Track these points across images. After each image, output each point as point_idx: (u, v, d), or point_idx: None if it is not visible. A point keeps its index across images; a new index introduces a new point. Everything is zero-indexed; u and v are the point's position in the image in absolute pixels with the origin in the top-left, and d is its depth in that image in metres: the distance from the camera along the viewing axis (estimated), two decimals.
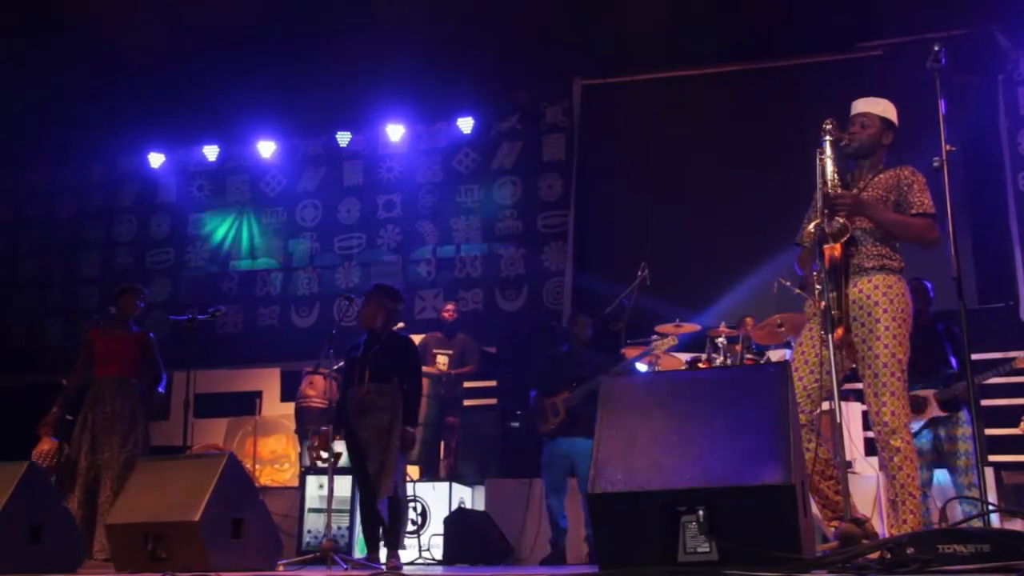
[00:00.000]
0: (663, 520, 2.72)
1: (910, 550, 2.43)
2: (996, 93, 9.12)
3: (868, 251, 4.24)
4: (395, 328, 6.10)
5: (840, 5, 9.14)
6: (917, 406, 6.18)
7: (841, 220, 4.08)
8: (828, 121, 4.26)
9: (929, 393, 6.18)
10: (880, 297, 4.17)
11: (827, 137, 4.21)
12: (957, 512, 5.87)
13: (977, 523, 3.86)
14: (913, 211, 4.25)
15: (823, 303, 3.94)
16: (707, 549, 2.68)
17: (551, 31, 9.57)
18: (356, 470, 5.85)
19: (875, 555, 2.58)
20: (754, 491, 2.68)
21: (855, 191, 4.29)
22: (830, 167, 4.18)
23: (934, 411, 6.15)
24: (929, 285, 6.48)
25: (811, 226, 4.14)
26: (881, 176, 4.36)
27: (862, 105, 4.43)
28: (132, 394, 6.59)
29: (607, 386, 3.06)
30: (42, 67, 10.12)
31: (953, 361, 6.29)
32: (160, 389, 6.75)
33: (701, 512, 2.69)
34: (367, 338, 5.98)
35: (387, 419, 5.74)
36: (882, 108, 4.41)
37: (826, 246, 4.10)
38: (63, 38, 9.80)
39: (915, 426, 6.19)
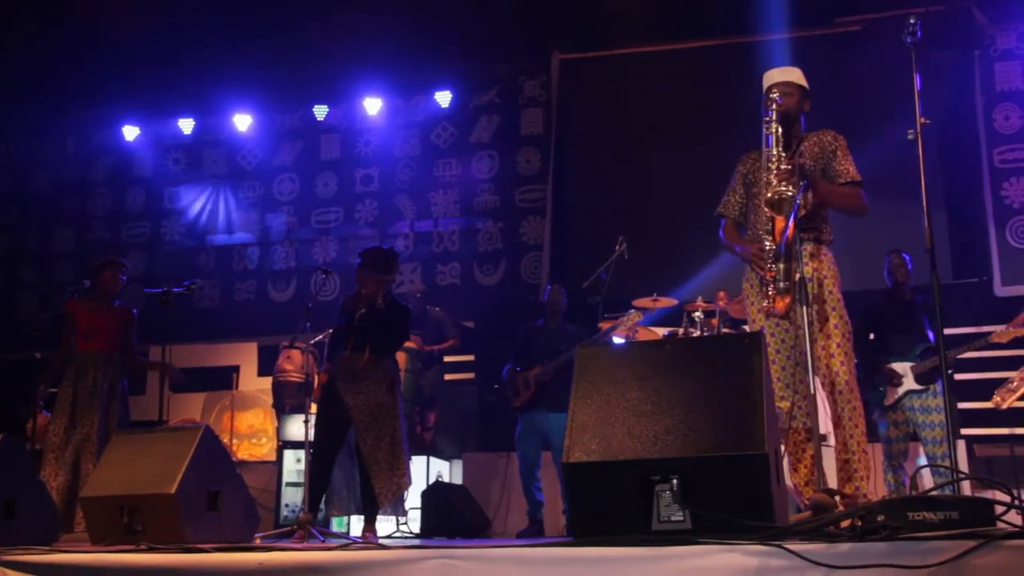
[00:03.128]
0: (637, 489, 2.73)
1: (880, 517, 2.45)
2: (973, 69, 9.15)
3: (806, 224, 4.27)
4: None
5: None
6: (894, 379, 6.24)
7: (791, 191, 4.06)
8: (774, 89, 4.30)
9: (906, 366, 6.23)
10: (818, 265, 4.27)
11: (773, 106, 4.23)
12: (927, 481, 5.95)
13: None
14: (841, 180, 4.32)
15: (797, 275, 3.95)
16: (681, 518, 2.70)
17: (530, 5, 9.51)
18: (328, 435, 5.85)
19: (846, 523, 2.61)
20: (727, 460, 2.70)
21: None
22: (776, 136, 4.21)
23: (910, 384, 6.20)
24: (908, 258, 6.52)
25: (779, 193, 4.10)
26: (806, 143, 4.40)
27: (779, 75, 4.44)
28: (115, 369, 6.60)
29: (582, 355, 3.07)
30: (15, 39, 9.98)
31: (930, 334, 6.33)
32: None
33: (675, 481, 2.70)
34: (367, 307, 5.90)
35: (382, 392, 5.75)
36: (797, 76, 4.45)
37: (779, 218, 4.10)
38: (37, 11, 9.67)
39: (892, 398, 6.25)
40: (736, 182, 4.64)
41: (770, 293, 4.12)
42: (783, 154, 4.18)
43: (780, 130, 4.21)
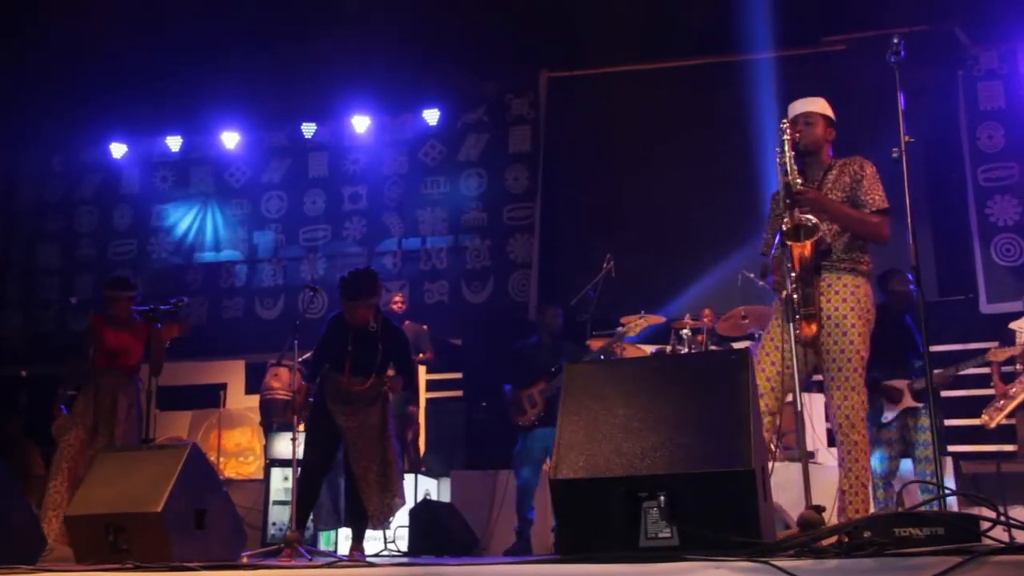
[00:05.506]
0: (625, 506, 2.74)
1: (867, 533, 2.46)
2: (956, 88, 9.25)
3: (839, 252, 4.30)
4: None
5: (804, 0, 9.23)
6: (892, 396, 6.24)
7: (813, 219, 4.14)
8: (784, 121, 4.36)
9: (903, 384, 6.24)
10: (848, 295, 4.27)
11: (785, 136, 4.29)
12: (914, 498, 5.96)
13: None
14: (868, 210, 4.34)
15: (784, 293, 3.98)
16: (668, 534, 2.71)
17: (517, 23, 9.56)
18: (317, 454, 5.83)
19: (833, 539, 2.62)
20: (714, 477, 2.71)
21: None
22: (790, 165, 4.26)
23: (908, 402, 6.20)
24: (911, 277, 6.52)
25: (796, 219, 4.17)
26: (833, 172, 4.45)
27: (800, 106, 4.52)
28: (133, 387, 6.66)
29: (570, 372, 3.08)
30: (0, 55, 9.97)
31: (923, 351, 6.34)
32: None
33: (662, 498, 2.71)
34: (357, 329, 5.82)
35: (374, 413, 5.73)
36: (820, 106, 4.52)
37: (795, 244, 4.14)
38: (24, 26, 9.67)
39: (888, 416, 6.25)
40: (769, 220, 4.68)
41: (797, 319, 4.13)
42: (798, 181, 4.24)
43: (793, 157, 4.25)
